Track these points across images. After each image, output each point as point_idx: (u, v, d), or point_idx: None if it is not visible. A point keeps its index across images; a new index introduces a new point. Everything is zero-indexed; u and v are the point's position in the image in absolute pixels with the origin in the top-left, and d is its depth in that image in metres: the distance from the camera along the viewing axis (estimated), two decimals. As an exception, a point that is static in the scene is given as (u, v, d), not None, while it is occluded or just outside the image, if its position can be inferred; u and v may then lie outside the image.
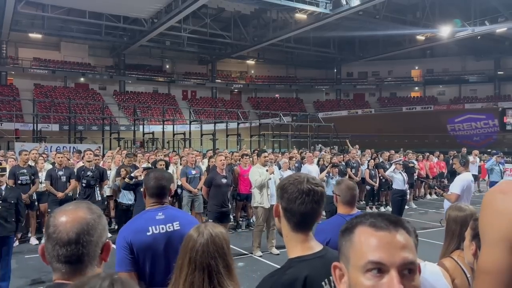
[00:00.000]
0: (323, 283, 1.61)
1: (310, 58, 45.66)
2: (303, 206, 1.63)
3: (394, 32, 32.57)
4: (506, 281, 1.12)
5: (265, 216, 7.46)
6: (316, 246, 1.69)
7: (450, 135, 37.39)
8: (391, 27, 32.21)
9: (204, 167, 10.06)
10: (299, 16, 29.77)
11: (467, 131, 38.62)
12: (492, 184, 11.62)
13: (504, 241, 1.13)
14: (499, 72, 42.92)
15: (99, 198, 8.12)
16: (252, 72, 49.21)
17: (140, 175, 6.95)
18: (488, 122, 37.97)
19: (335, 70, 48.82)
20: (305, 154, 12.29)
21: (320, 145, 24.89)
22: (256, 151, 12.22)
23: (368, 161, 12.45)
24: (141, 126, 26.08)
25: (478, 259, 1.20)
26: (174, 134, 24.78)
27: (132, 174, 6.78)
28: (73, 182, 8.18)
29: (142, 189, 6.75)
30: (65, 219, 1.25)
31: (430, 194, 15.10)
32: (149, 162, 9.55)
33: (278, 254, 7.37)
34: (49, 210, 8.42)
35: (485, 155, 17.90)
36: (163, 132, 24.26)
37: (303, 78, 49.61)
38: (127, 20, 32.11)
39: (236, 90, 48.88)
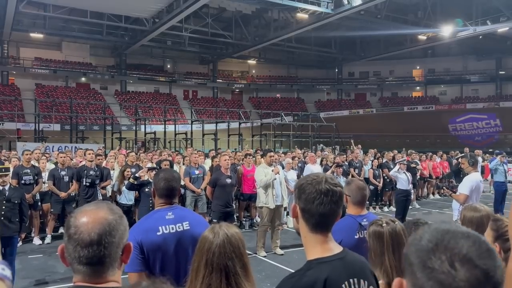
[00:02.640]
0: (343, 285, 1.58)
1: (312, 58, 45.63)
2: (321, 207, 1.60)
3: (395, 32, 32.51)
4: None
5: (270, 216, 7.43)
6: (335, 248, 1.66)
7: (452, 135, 37.35)
8: (393, 27, 32.15)
9: (207, 167, 10.02)
10: (301, 15, 29.73)
11: (469, 131, 38.58)
12: (496, 184, 11.56)
13: None
14: (500, 72, 42.85)
15: (100, 198, 8.09)
16: (254, 72, 49.20)
17: (144, 175, 6.94)
18: (490, 122, 37.94)
19: (337, 70, 48.78)
20: (307, 154, 12.25)
21: (321, 145, 24.86)
22: (259, 151, 12.21)
23: (372, 161, 12.41)
24: (142, 126, 26.05)
25: (509, 263, 1.17)
26: (175, 134, 24.77)
27: (136, 175, 6.75)
28: (75, 182, 8.15)
29: (147, 189, 6.72)
30: (87, 219, 1.21)
31: (433, 194, 15.06)
32: (152, 162, 9.53)
33: (282, 255, 7.33)
34: (51, 210, 8.40)
35: (487, 155, 17.83)
36: (165, 132, 24.24)
37: (305, 78, 49.59)
38: (128, 20, 32.10)
39: (237, 90, 48.87)
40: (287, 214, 9.08)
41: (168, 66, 45.81)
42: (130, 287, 0.89)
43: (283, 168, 9.45)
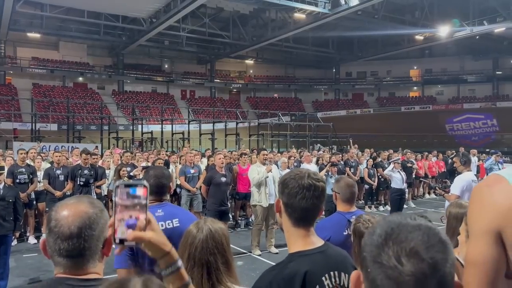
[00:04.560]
0: (323, 278, 1.60)
1: (309, 58, 45.68)
2: (304, 201, 1.62)
3: (392, 32, 32.60)
4: (491, 271, 1.14)
5: (263, 214, 7.46)
6: (317, 241, 1.68)
7: (449, 134, 37.45)
8: (390, 27, 32.23)
9: (203, 166, 10.05)
10: (298, 15, 29.78)
11: (466, 131, 38.70)
12: (491, 183, 11.60)
13: (489, 232, 1.15)
14: (497, 72, 43.01)
15: (95, 197, 8.10)
16: (251, 71, 49.23)
17: (139, 174, 6.96)
18: (487, 122, 38.07)
19: (334, 70, 48.85)
20: (303, 153, 12.28)
21: (318, 144, 24.90)
22: (255, 150, 12.24)
23: (367, 161, 12.45)
24: (139, 126, 26.04)
25: (466, 251, 1.22)
26: (172, 134, 24.77)
27: (131, 173, 6.78)
28: (70, 182, 8.16)
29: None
30: (67, 213, 1.24)
31: (429, 193, 15.11)
32: (148, 162, 9.55)
33: (277, 253, 7.36)
34: (47, 209, 8.41)
35: (484, 154, 17.91)
36: (162, 131, 24.23)
37: (302, 78, 49.64)
38: (126, 19, 32.09)
39: (235, 90, 48.88)
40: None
41: (166, 66, 45.80)
42: (118, 281, 0.92)
43: (278, 167, 9.48)
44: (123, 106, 37.07)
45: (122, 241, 1.02)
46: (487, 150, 20.35)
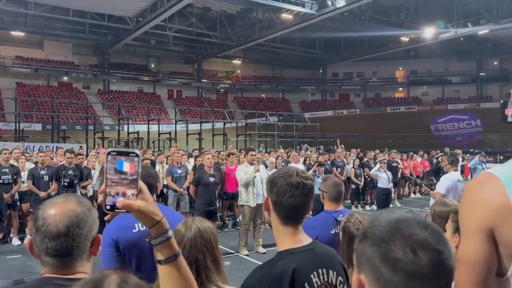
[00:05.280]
0: (311, 275, 1.61)
1: (296, 59, 45.86)
2: (292, 199, 1.63)
3: (378, 33, 32.92)
4: (483, 270, 1.15)
5: (251, 214, 7.46)
6: (305, 239, 1.69)
7: (434, 135, 37.95)
8: (376, 28, 32.56)
9: (190, 167, 10.00)
10: (285, 16, 29.87)
11: (450, 131, 39.28)
12: (475, 183, 11.79)
13: (481, 230, 1.16)
14: (481, 74, 43.78)
15: (81, 198, 7.99)
16: (238, 72, 49.19)
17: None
18: (471, 122, 38.70)
19: (321, 71, 49.13)
20: (291, 153, 12.33)
21: (306, 145, 25.01)
22: (243, 150, 12.24)
23: (354, 161, 12.55)
24: (125, 126, 25.80)
25: (458, 249, 1.23)
26: (159, 134, 24.60)
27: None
28: (55, 182, 8.05)
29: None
30: (54, 211, 1.22)
31: (414, 193, 15.31)
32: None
33: (264, 253, 7.37)
34: (31, 210, 8.27)
35: (468, 154, 18.20)
36: (148, 131, 24.06)
37: (289, 78, 49.79)
38: (111, 18, 31.77)
39: (222, 90, 48.78)
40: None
41: (152, 66, 45.47)
42: (93, 279, 0.90)
43: (266, 167, 9.49)
44: (108, 106, 36.67)
45: (112, 208, 1.02)
46: (471, 150, 20.70)
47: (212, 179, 7.36)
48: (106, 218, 1.10)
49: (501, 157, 24.32)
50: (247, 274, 1.62)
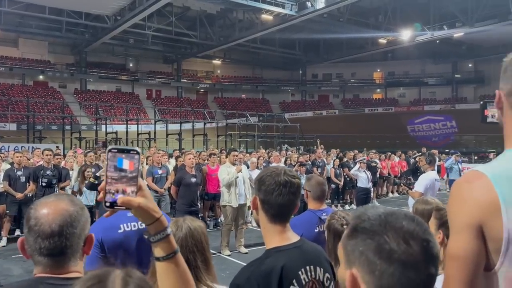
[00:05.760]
0: (299, 272, 1.64)
1: (276, 59, 46.05)
2: (280, 198, 1.66)
3: (357, 35, 33.40)
4: (473, 265, 1.19)
5: (233, 215, 7.47)
6: (293, 237, 1.72)
7: (410, 135, 38.70)
8: (355, 30, 33.02)
9: (171, 167, 9.93)
10: (265, 17, 29.98)
11: (426, 132, 40.13)
12: (451, 182, 12.13)
13: (471, 226, 1.20)
14: (456, 76, 44.90)
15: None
16: (219, 72, 49.06)
17: (104, 175, 6.79)
18: (446, 123, 39.62)
19: (301, 72, 49.47)
20: (272, 153, 12.39)
21: (286, 145, 25.15)
22: (224, 151, 12.24)
23: (334, 161, 12.70)
24: (103, 126, 25.39)
25: (447, 245, 1.27)
26: (138, 134, 24.32)
27: (97, 174, 6.60)
28: (32, 183, 7.87)
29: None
30: (47, 211, 1.21)
31: (392, 192, 15.59)
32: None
33: (246, 253, 7.39)
34: (7, 211, 8.06)
35: (444, 155, 18.65)
36: (127, 131, 23.75)
37: (269, 79, 49.95)
38: (89, 16, 31.19)
39: (202, 90, 48.55)
40: (252, 213, 9.14)
41: (131, 65, 44.89)
42: (96, 274, 0.90)
43: (248, 167, 9.51)
44: (85, 106, 36.02)
45: (112, 205, 1.03)
46: (447, 150, 21.21)
47: (193, 180, 7.33)
48: (105, 215, 1.10)
49: (476, 157, 25.00)
50: (229, 275, 1.64)
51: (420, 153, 11.32)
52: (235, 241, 7.66)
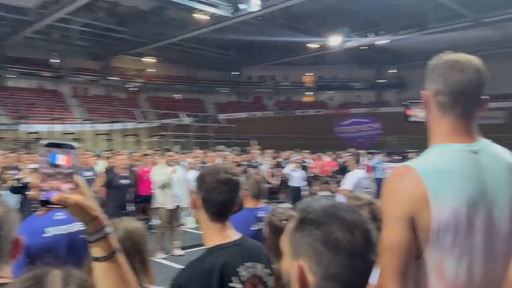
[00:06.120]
0: (239, 269, 1.66)
1: (212, 60, 45.78)
2: (221, 196, 1.67)
3: (289, 39, 34.29)
4: (406, 254, 1.29)
5: (168, 217, 7.32)
6: (233, 235, 1.74)
7: (339, 137, 40.52)
8: (288, 34, 33.86)
9: (98, 169, 9.48)
10: (200, 16, 29.72)
11: (353, 134, 42.25)
12: (377, 180, 12.89)
13: (403, 218, 1.30)
14: (380, 80, 47.88)
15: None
16: (151, 70, 47.70)
17: (27, 176, 6.34)
18: (371, 125, 42.02)
19: (236, 73, 49.73)
20: (208, 154, 12.32)
21: (222, 146, 25.15)
22: (159, 152, 11.95)
23: (269, 161, 12.94)
24: (24, 126, 23.64)
25: (382, 237, 1.35)
26: (63, 134, 22.95)
27: (19, 176, 6.15)
28: None
29: (29, 192, 6.18)
30: None
31: (324, 190, 16.22)
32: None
33: (182, 255, 7.27)
34: None
35: (369, 155, 19.75)
36: (51, 132, 22.33)
37: (204, 79, 49.55)
38: (8, 8, 28.81)
39: (133, 89, 46.88)
40: (190, 214, 9.03)
41: (55, 61, 42.14)
42: (34, 275, 0.84)
43: (184, 168, 9.37)
44: (4, 104, 33.21)
45: (47, 203, 0.96)
46: (372, 151, 22.49)
47: (124, 181, 7.07)
48: (39, 213, 1.03)
49: (400, 157, 26.73)
50: (164, 278, 1.62)
51: (349, 153, 11.91)
52: (170, 244, 7.51)
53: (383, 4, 28.61)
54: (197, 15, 29.37)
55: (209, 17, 29.49)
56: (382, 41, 34.45)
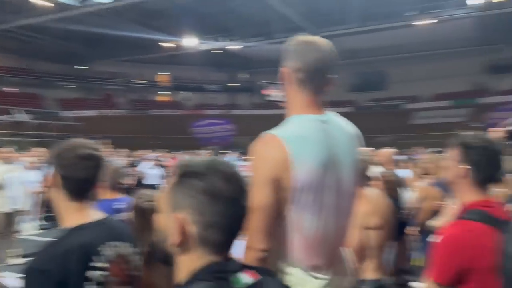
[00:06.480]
0: (101, 248, 1.58)
1: (54, 51, 41.33)
2: (83, 172, 1.58)
3: (141, 35, 33.24)
4: (272, 212, 1.45)
5: (5, 222, 6.41)
6: (95, 215, 1.66)
7: (195, 137, 40.93)
8: (140, 31, 32.79)
9: None
10: (42, 3, 26.68)
11: (208, 134, 43.18)
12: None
13: (270, 181, 1.44)
14: (233, 84, 50.07)
15: None
16: (-24, 59, 40.76)
17: None
18: (226, 127, 43.59)
19: (82, 67, 45.98)
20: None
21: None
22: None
23: (123, 161, 12.39)
24: None
25: (250, 199, 1.47)
26: None
27: None
28: None
29: None
30: None
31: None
32: None
33: (25, 264, 6.42)
34: None
35: (226, 154, 20.52)
36: None
37: (45, 73, 44.41)
38: None
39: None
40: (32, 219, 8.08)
41: None
42: None
43: (23, 167, 8.33)
44: None
45: None
46: (227, 151, 23.37)
47: None
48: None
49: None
50: None
51: (209, 152, 12.24)
52: (5, 253, 6.57)
53: (234, 10, 30.00)
54: (37, 1, 26.29)
55: (53, 4, 26.68)
56: (234, 46, 36.07)
